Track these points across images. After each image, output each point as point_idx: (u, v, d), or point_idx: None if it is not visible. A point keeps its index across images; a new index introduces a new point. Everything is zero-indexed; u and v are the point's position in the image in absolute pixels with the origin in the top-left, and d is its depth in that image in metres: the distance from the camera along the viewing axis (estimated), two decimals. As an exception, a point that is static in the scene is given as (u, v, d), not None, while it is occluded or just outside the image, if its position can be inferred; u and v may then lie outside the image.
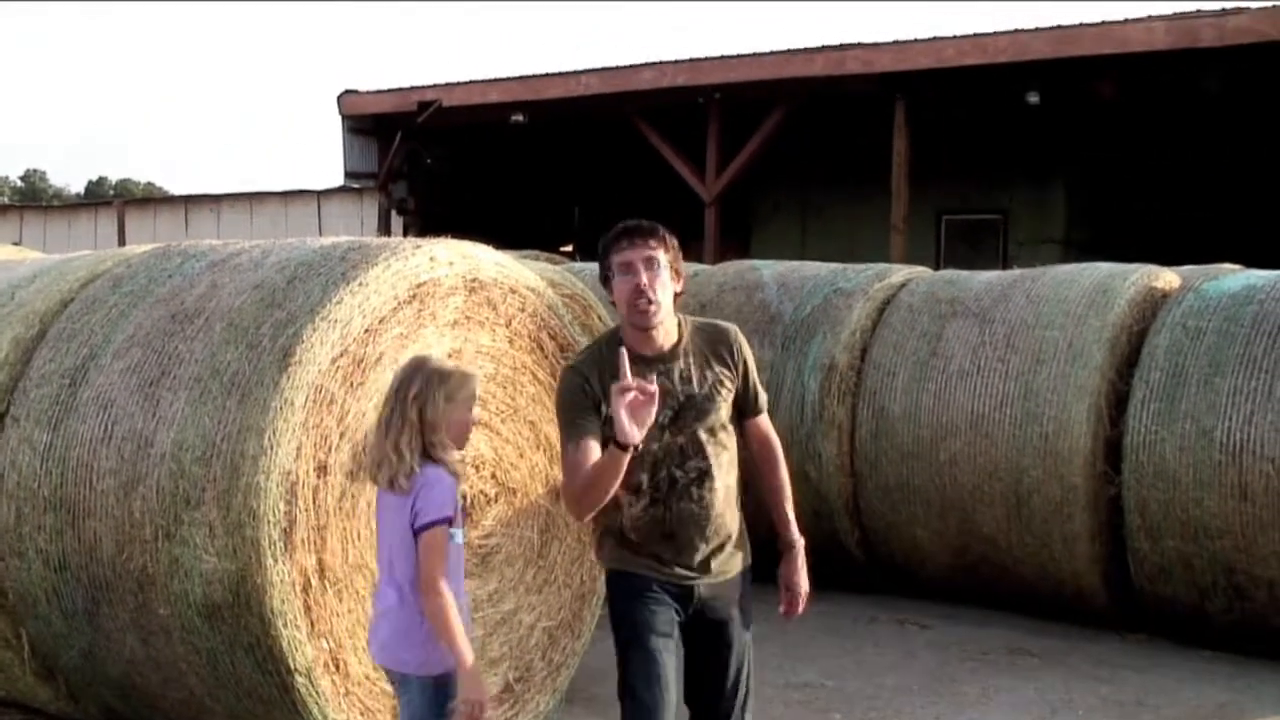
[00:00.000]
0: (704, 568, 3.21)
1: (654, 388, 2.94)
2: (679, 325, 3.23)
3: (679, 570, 3.18)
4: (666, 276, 3.13)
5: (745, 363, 3.28)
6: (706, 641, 3.26)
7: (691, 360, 3.19)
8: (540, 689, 4.42)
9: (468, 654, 2.94)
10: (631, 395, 2.91)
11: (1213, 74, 11.59)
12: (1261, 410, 5.45)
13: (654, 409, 2.94)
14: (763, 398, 3.37)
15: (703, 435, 3.17)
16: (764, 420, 3.37)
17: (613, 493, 3.05)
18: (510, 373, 4.26)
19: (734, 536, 3.28)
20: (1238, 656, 5.58)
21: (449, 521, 3.00)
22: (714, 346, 3.24)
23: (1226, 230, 13.36)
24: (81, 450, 3.88)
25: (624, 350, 3.03)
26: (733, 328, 3.33)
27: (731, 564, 3.27)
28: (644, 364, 3.11)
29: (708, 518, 3.18)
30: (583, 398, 3.10)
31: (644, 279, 3.09)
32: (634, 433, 2.91)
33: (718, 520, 3.20)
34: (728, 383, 3.23)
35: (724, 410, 3.22)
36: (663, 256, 3.12)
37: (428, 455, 3.01)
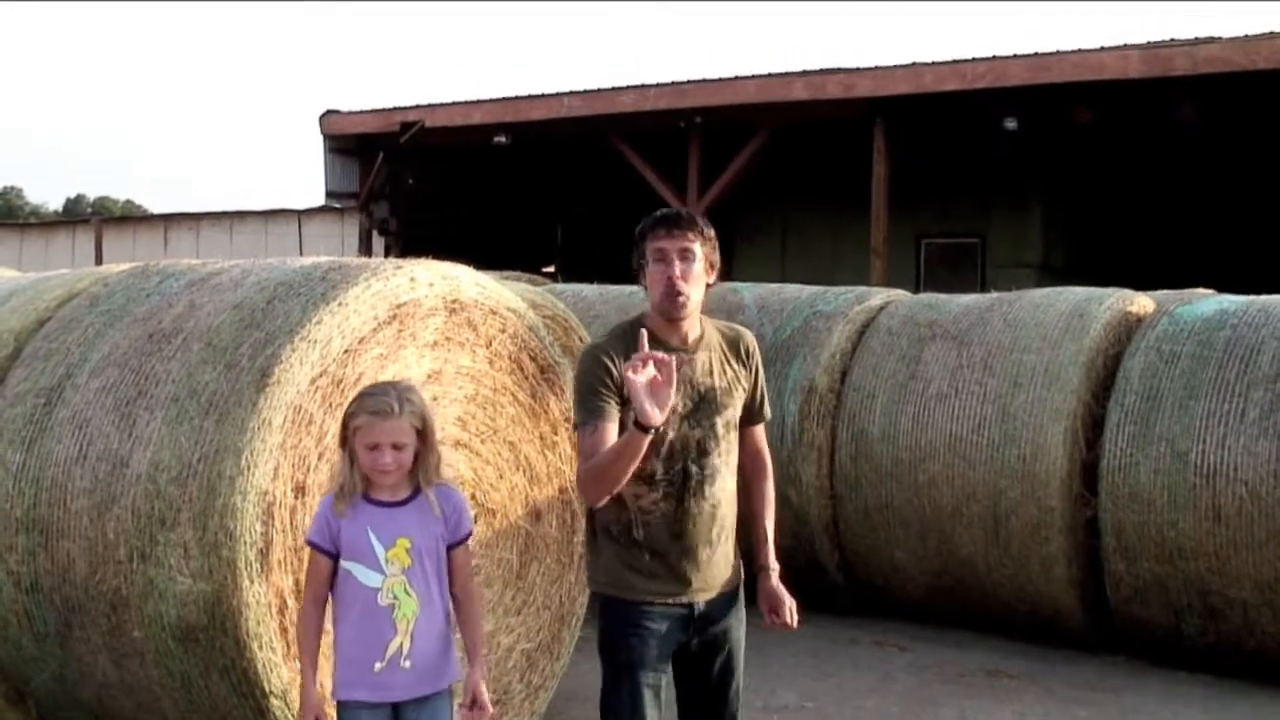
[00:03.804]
0: (705, 578, 3.17)
1: (671, 359, 2.85)
2: (701, 321, 3.23)
3: (679, 586, 3.13)
4: (700, 269, 3.11)
5: (758, 368, 3.31)
6: (706, 661, 3.24)
7: (713, 355, 3.21)
8: (518, 712, 4.40)
9: (306, 676, 3.11)
10: (650, 374, 2.82)
11: (1186, 102, 11.74)
12: (1234, 433, 5.49)
13: (673, 390, 2.84)
14: (767, 408, 3.37)
15: (720, 430, 3.16)
16: (761, 431, 3.38)
17: (628, 477, 2.97)
18: (490, 394, 4.25)
19: (731, 546, 3.27)
20: (1213, 678, 5.61)
21: (313, 545, 3.12)
22: (733, 345, 3.27)
23: (1200, 255, 13.51)
24: (56, 470, 3.85)
25: (645, 332, 2.98)
26: (749, 333, 3.36)
27: (729, 576, 3.25)
28: (668, 352, 3.10)
29: (715, 518, 3.17)
30: (603, 378, 3.03)
31: (677, 270, 3.06)
32: (655, 414, 2.81)
33: (722, 522, 3.20)
34: (743, 382, 3.25)
35: (737, 409, 3.23)
36: (698, 249, 3.10)
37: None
